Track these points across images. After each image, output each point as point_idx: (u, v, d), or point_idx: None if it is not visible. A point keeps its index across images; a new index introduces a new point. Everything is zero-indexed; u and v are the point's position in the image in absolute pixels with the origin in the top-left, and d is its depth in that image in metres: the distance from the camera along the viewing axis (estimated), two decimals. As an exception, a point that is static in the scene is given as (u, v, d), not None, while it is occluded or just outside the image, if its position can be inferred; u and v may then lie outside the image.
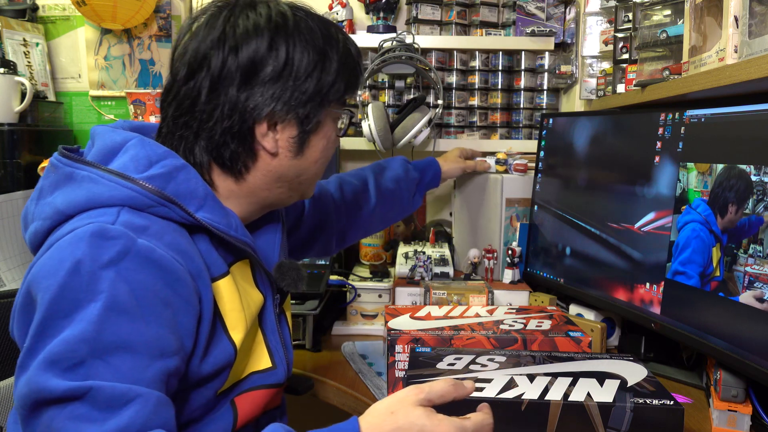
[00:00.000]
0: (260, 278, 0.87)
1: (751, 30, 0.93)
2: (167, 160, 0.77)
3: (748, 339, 0.95)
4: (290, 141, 0.83)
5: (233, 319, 0.79)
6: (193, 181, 0.77)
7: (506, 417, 0.80)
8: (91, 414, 0.61)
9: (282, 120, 0.81)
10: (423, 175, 1.41)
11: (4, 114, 1.64)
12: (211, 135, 0.80)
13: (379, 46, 1.86)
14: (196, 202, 0.76)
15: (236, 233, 0.80)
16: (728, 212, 1.03)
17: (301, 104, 0.81)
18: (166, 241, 0.71)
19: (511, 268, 1.53)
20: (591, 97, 1.70)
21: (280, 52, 0.79)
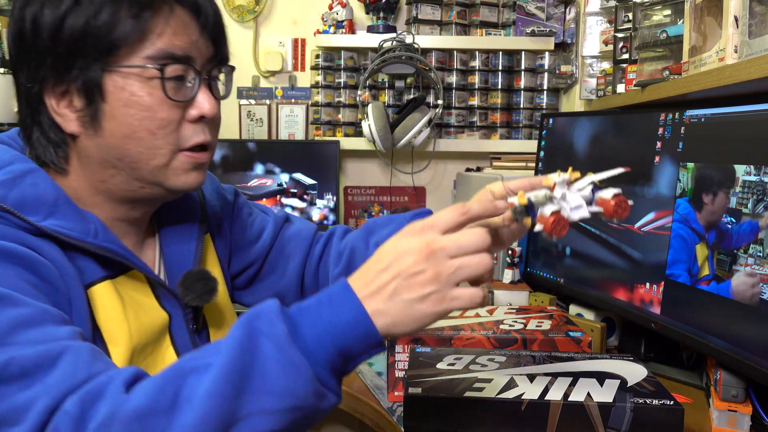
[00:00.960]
0: (162, 293, 0.76)
1: (751, 30, 0.93)
2: (13, 166, 0.68)
3: (748, 339, 0.95)
4: (81, 116, 0.69)
5: (111, 332, 0.69)
6: (41, 185, 0.68)
7: (506, 417, 0.80)
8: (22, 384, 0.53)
9: (66, 90, 0.68)
10: None
11: (4, 114, 1.64)
12: (24, 127, 0.72)
13: (379, 46, 1.86)
14: (44, 209, 0.66)
15: (95, 239, 0.68)
16: (704, 204, 1.03)
17: (70, 66, 0.66)
18: (11, 239, 0.63)
19: (511, 268, 1.53)
20: (591, 97, 1.70)
21: (27, 15, 0.67)
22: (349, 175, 2.07)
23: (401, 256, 0.59)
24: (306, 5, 2.02)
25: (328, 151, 1.88)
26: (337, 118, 1.98)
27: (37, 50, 0.67)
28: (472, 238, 0.59)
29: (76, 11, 0.65)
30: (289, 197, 1.89)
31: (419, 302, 0.58)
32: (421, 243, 0.59)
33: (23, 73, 0.69)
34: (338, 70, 1.96)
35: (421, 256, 0.58)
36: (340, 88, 1.96)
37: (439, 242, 0.59)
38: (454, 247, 0.59)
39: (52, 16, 0.66)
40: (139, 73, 0.68)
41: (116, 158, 0.70)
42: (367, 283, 0.59)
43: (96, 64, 0.67)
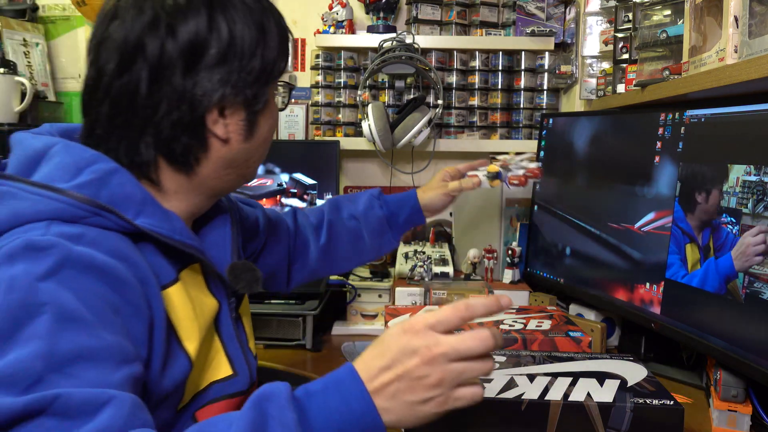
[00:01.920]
0: (213, 283, 0.81)
1: (751, 30, 0.93)
2: (97, 165, 0.69)
3: (748, 339, 0.95)
4: (240, 125, 0.77)
5: (186, 329, 0.73)
6: (128, 185, 0.71)
7: (506, 417, 0.80)
8: (62, 425, 0.53)
9: (231, 104, 0.75)
10: (394, 212, 1.19)
11: (4, 114, 1.64)
12: (159, 130, 0.73)
13: (379, 46, 1.86)
14: (133, 207, 0.70)
15: (180, 237, 0.73)
16: (697, 203, 1.03)
17: (249, 85, 0.75)
18: (106, 247, 0.65)
19: (511, 268, 1.53)
20: (591, 97, 1.70)
21: (222, 31, 0.72)
22: (349, 175, 2.07)
23: (404, 357, 0.60)
24: (306, 5, 2.01)
25: (328, 151, 1.88)
26: (337, 118, 1.98)
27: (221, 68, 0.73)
28: (473, 343, 0.61)
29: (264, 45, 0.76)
30: (289, 197, 1.89)
31: (422, 404, 0.60)
32: (423, 345, 0.60)
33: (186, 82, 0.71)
34: (338, 70, 1.96)
35: (424, 359, 0.60)
36: (340, 88, 1.96)
37: (441, 347, 0.60)
38: (455, 354, 0.60)
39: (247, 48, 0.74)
40: (276, 90, 0.83)
41: (246, 158, 0.80)
42: (370, 378, 0.60)
43: (267, 86, 0.78)
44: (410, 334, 0.61)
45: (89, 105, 0.74)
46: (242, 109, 0.76)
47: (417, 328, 0.61)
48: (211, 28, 0.71)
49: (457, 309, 0.63)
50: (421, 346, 0.60)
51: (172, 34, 0.70)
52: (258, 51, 0.75)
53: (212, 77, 0.72)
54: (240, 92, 0.74)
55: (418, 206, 1.21)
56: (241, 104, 0.76)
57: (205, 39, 0.71)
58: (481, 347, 0.61)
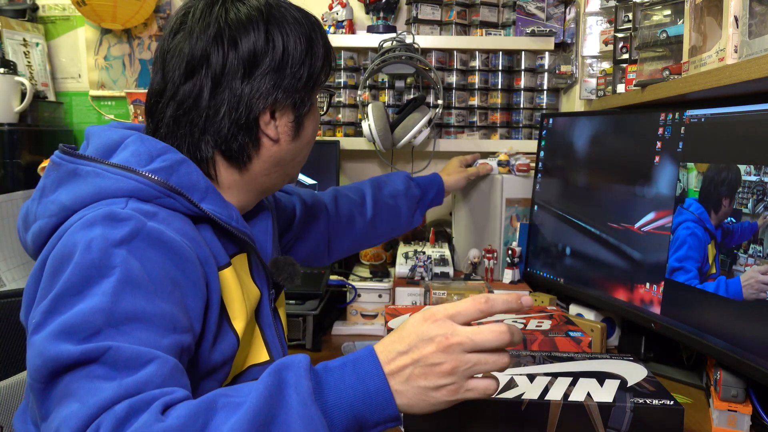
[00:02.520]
0: (257, 272, 0.88)
1: (751, 30, 0.93)
2: (168, 155, 0.78)
3: (748, 339, 0.95)
4: (289, 126, 0.86)
5: (236, 309, 0.80)
6: (194, 174, 0.79)
7: (506, 417, 0.80)
8: (109, 374, 0.60)
9: (281, 107, 0.84)
10: (425, 193, 1.40)
11: (4, 114, 1.64)
12: (219, 129, 0.82)
13: (379, 46, 1.86)
14: (198, 194, 0.78)
15: (237, 224, 0.81)
16: (722, 206, 1.03)
17: (297, 90, 0.85)
18: (175, 226, 0.72)
19: (511, 268, 1.53)
20: (591, 97, 1.70)
21: (277, 43, 0.82)
22: (349, 175, 2.06)
23: (421, 343, 0.63)
24: (306, 5, 2.01)
25: (328, 151, 1.88)
26: (337, 118, 1.98)
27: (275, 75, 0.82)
28: (489, 336, 0.63)
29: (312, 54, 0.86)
30: (289, 197, 1.88)
31: (434, 391, 0.62)
32: (440, 334, 0.62)
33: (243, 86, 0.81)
34: (338, 70, 1.96)
35: (440, 347, 0.62)
36: (340, 88, 1.96)
37: (458, 336, 0.62)
38: (471, 344, 0.62)
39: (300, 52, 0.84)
40: (319, 96, 0.93)
41: (292, 158, 0.89)
42: (387, 360, 0.63)
43: (312, 90, 0.87)
44: (430, 321, 0.64)
45: (155, 108, 0.84)
46: (291, 111, 0.86)
47: (437, 316, 0.64)
48: (267, 40, 0.81)
49: (477, 302, 0.65)
50: (438, 334, 0.62)
51: (234, 46, 0.80)
52: (306, 61, 0.85)
53: (266, 83, 0.82)
54: (289, 96, 0.84)
55: (443, 188, 1.42)
56: (290, 107, 0.85)
57: (263, 49, 0.81)
58: (496, 341, 0.62)
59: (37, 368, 0.61)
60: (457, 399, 0.63)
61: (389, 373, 0.62)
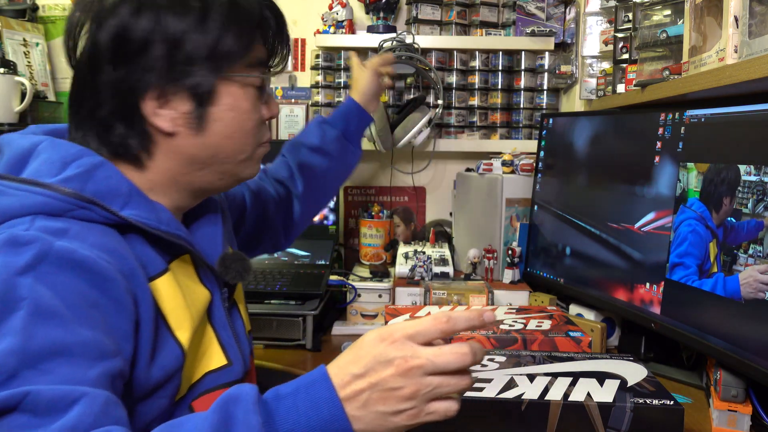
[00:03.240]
0: (204, 273, 0.81)
1: (751, 30, 0.93)
2: (83, 159, 0.70)
3: (748, 339, 0.95)
4: (186, 117, 0.73)
5: (177, 318, 0.73)
6: (114, 178, 0.71)
7: (506, 417, 0.80)
8: (31, 422, 0.54)
9: (172, 94, 0.72)
10: (346, 125, 1.23)
11: (4, 114, 1.64)
12: (101, 123, 0.73)
13: (379, 46, 1.86)
14: (120, 199, 0.70)
15: (168, 227, 0.73)
16: (723, 205, 1.03)
17: (186, 73, 0.71)
18: (90, 242, 0.65)
19: (511, 268, 1.53)
20: (591, 97, 1.70)
21: (146, 16, 0.70)
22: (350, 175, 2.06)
23: (379, 366, 0.58)
24: (306, 5, 2.02)
25: (328, 151, 1.88)
26: (337, 118, 1.98)
27: (148, 56, 0.70)
28: (451, 358, 0.58)
29: (200, 29, 0.71)
30: (289, 197, 1.88)
31: (394, 416, 0.58)
32: (399, 356, 0.58)
33: (117, 72, 0.71)
34: (338, 70, 1.96)
35: (399, 370, 0.58)
36: (340, 88, 1.96)
37: (418, 359, 0.58)
38: (432, 367, 0.58)
39: (175, 29, 0.70)
40: (242, 80, 0.76)
41: (210, 155, 0.76)
42: (343, 384, 0.58)
43: (211, 73, 0.73)
44: (387, 342, 0.59)
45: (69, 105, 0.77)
46: (187, 99, 0.73)
47: (395, 336, 0.59)
48: (137, 15, 0.70)
49: (437, 321, 0.60)
50: (397, 356, 0.58)
51: (99, 24, 0.70)
52: (191, 35, 0.71)
53: (140, 66, 0.70)
54: (176, 81, 0.71)
55: (360, 108, 1.26)
56: (184, 94, 0.72)
57: (129, 25, 0.70)
58: (458, 362, 0.58)
59: None
60: (418, 423, 0.59)
61: (345, 398, 0.58)
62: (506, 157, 1.66)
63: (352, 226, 2.05)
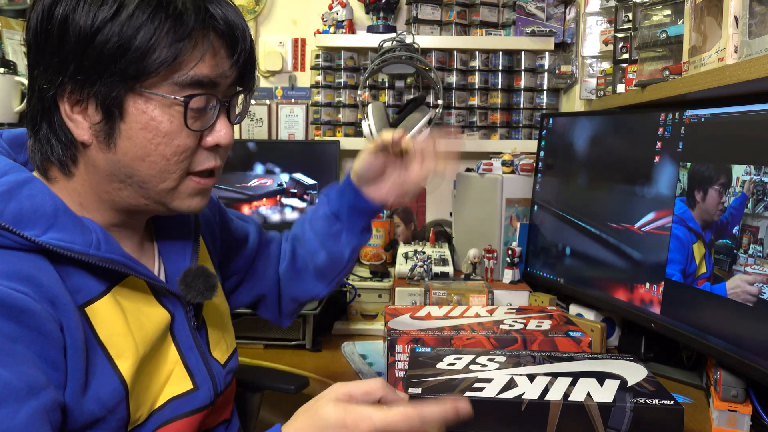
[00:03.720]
0: (162, 294, 0.75)
1: (751, 30, 0.93)
2: (8, 176, 0.64)
3: (748, 339, 0.95)
4: (96, 128, 0.67)
5: (118, 345, 0.67)
6: (38, 196, 0.65)
7: (506, 417, 0.80)
8: None
9: (84, 100, 0.66)
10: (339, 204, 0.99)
11: (4, 114, 1.64)
12: (32, 120, 0.69)
13: (379, 46, 1.86)
14: (43, 221, 0.64)
15: (97, 251, 0.66)
16: (697, 202, 1.03)
17: (93, 80, 0.64)
18: (3, 270, 0.60)
19: (511, 268, 1.53)
20: (591, 97, 1.70)
21: (56, 13, 0.64)
22: (349, 175, 2.06)
23: None
24: (306, 5, 2.02)
25: (328, 151, 1.88)
26: (337, 118, 1.98)
27: (60, 53, 0.64)
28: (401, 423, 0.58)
29: (112, 24, 0.63)
30: (289, 197, 1.89)
31: None
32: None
33: (39, 71, 0.66)
34: (338, 70, 1.96)
35: None
36: (340, 88, 1.96)
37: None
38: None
39: (84, 22, 0.63)
40: (162, 100, 0.66)
41: (125, 175, 0.69)
42: None
43: (121, 83, 0.64)
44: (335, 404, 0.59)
45: None
46: (98, 109, 0.66)
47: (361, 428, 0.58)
48: (49, 10, 0.64)
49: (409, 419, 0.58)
50: None
51: (28, 20, 0.67)
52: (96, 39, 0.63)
53: (50, 65, 0.65)
54: (83, 87, 0.65)
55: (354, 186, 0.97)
56: (94, 104, 0.66)
57: (43, 22, 0.65)
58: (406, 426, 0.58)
59: None
60: None
61: None
62: (506, 157, 1.66)
63: (352, 226, 2.05)
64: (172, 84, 0.66)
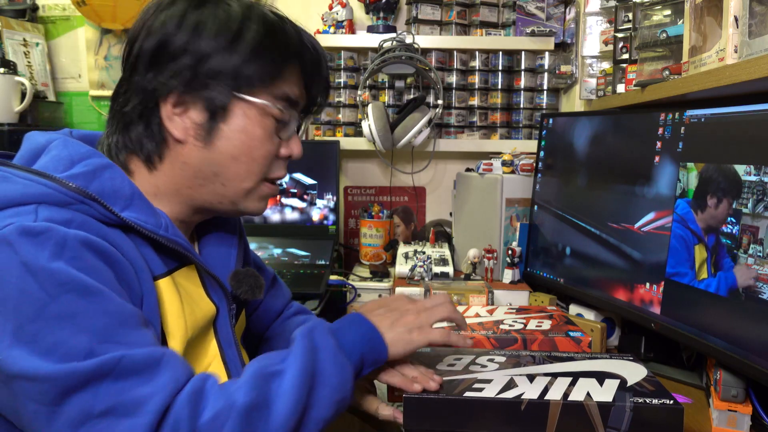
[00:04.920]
0: (211, 287, 0.82)
1: (751, 30, 0.93)
2: (91, 159, 0.73)
3: (748, 339, 0.95)
4: (196, 127, 0.76)
5: (170, 324, 0.74)
6: (118, 179, 0.73)
7: (506, 417, 0.80)
8: (136, 380, 0.60)
9: (189, 102, 0.76)
10: None
11: (4, 114, 1.64)
12: (126, 118, 0.77)
13: (379, 46, 1.86)
14: (121, 201, 0.72)
15: (166, 233, 0.74)
16: (708, 206, 1.03)
17: (205, 86, 0.75)
18: (94, 231, 0.67)
19: (511, 268, 1.53)
20: (591, 97, 1.70)
21: (187, 28, 0.74)
22: (349, 175, 2.07)
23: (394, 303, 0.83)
24: (306, 5, 2.02)
25: (328, 151, 1.88)
26: (337, 118, 1.98)
27: (177, 63, 0.74)
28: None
29: (230, 49, 0.75)
30: (289, 197, 1.89)
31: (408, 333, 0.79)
32: None
33: (150, 77, 0.74)
34: (338, 70, 1.96)
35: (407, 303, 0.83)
36: (340, 88, 1.96)
37: None
38: None
39: (206, 46, 0.74)
40: (261, 107, 0.77)
41: (213, 172, 0.78)
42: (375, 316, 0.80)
43: (230, 90, 0.75)
44: None
45: None
46: (201, 110, 0.76)
47: None
48: (179, 25, 0.74)
49: None
50: None
51: (148, 33, 0.75)
52: (220, 53, 0.74)
53: (168, 70, 0.74)
54: (195, 91, 0.75)
55: None
56: (199, 105, 0.76)
57: (171, 34, 0.74)
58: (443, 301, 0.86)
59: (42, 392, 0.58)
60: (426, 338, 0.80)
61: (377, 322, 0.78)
62: (506, 157, 1.66)
63: (352, 226, 2.06)
64: (269, 96, 0.78)
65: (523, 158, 1.65)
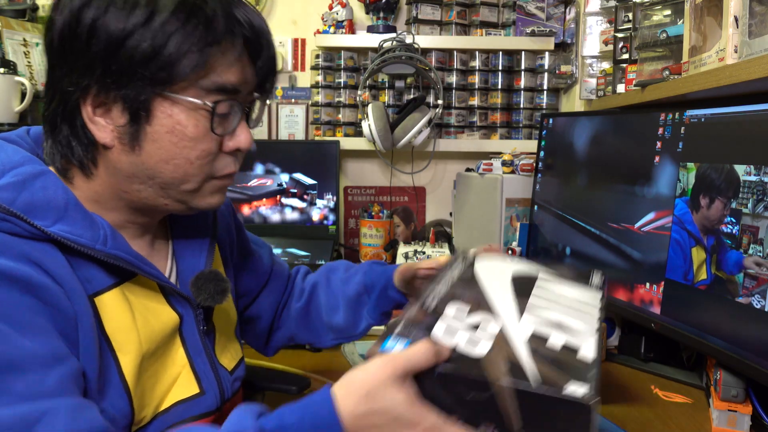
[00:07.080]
0: (172, 294, 0.75)
1: (751, 30, 0.93)
2: (23, 168, 0.65)
3: (748, 339, 0.95)
4: (120, 131, 0.66)
5: (120, 340, 0.67)
6: (50, 189, 0.65)
7: None
8: None
9: (110, 102, 0.66)
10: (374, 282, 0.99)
11: (4, 114, 1.64)
12: (51, 123, 0.69)
13: (379, 46, 1.86)
14: (53, 213, 0.64)
15: (103, 247, 0.66)
16: (701, 207, 1.03)
17: (120, 83, 0.64)
18: (15, 252, 0.60)
19: (511, 268, 1.53)
20: (591, 97, 1.70)
21: (88, 15, 0.63)
22: (349, 175, 2.07)
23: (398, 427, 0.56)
24: (306, 5, 2.02)
25: (328, 151, 1.88)
26: (337, 118, 1.98)
27: (87, 56, 0.64)
28: None
29: (144, 30, 0.63)
30: (289, 197, 1.89)
31: None
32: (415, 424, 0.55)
33: (62, 72, 0.66)
34: (338, 70, 1.96)
35: None
36: (340, 88, 1.96)
37: None
38: None
39: (115, 27, 0.63)
40: (189, 104, 0.66)
41: (147, 176, 0.69)
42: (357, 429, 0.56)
43: (150, 87, 0.64)
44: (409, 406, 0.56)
45: None
46: (123, 112, 0.66)
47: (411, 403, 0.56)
48: (81, 11, 0.64)
49: None
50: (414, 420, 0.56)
51: (53, 22, 0.66)
52: (127, 42, 0.63)
53: (76, 66, 0.65)
54: (111, 90, 0.65)
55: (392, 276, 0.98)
56: (119, 105, 0.65)
57: (73, 22, 0.64)
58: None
59: None
60: None
61: None
62: (506, 157, 1.66)
63: (352, 226, 2.06)
64: (199, 89, 0.66)
65: (523, 158, 1.65)
